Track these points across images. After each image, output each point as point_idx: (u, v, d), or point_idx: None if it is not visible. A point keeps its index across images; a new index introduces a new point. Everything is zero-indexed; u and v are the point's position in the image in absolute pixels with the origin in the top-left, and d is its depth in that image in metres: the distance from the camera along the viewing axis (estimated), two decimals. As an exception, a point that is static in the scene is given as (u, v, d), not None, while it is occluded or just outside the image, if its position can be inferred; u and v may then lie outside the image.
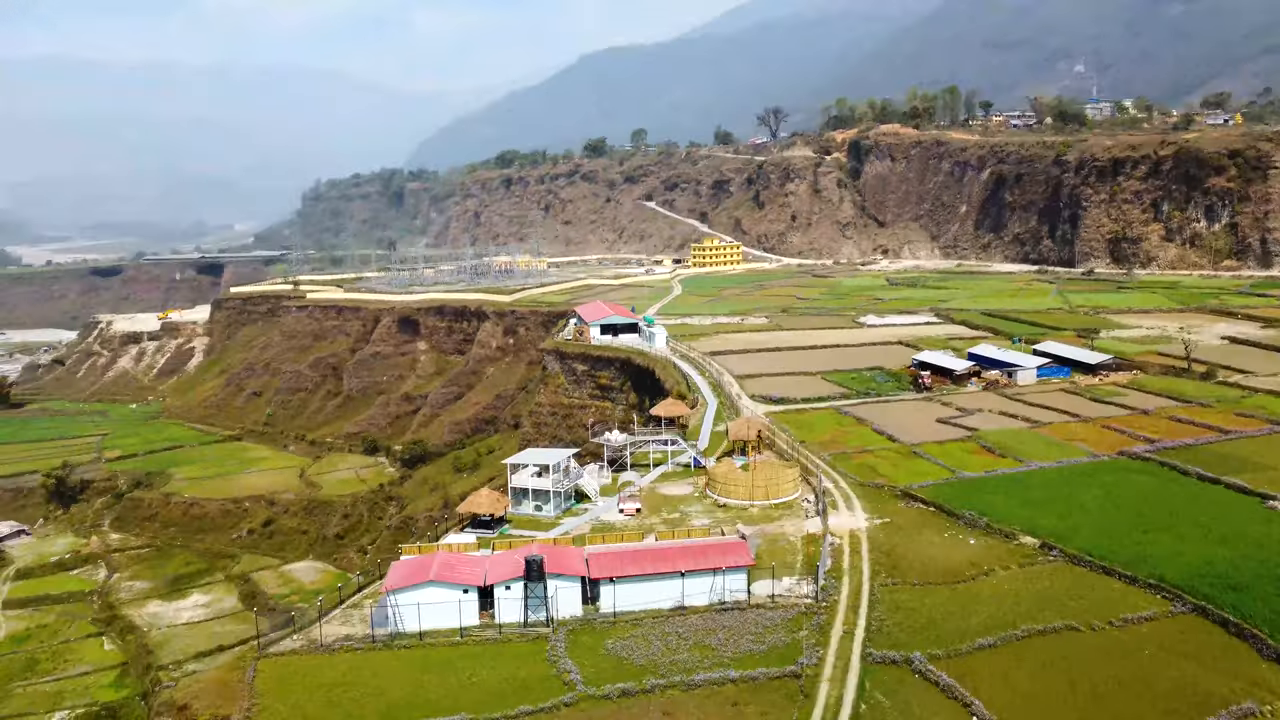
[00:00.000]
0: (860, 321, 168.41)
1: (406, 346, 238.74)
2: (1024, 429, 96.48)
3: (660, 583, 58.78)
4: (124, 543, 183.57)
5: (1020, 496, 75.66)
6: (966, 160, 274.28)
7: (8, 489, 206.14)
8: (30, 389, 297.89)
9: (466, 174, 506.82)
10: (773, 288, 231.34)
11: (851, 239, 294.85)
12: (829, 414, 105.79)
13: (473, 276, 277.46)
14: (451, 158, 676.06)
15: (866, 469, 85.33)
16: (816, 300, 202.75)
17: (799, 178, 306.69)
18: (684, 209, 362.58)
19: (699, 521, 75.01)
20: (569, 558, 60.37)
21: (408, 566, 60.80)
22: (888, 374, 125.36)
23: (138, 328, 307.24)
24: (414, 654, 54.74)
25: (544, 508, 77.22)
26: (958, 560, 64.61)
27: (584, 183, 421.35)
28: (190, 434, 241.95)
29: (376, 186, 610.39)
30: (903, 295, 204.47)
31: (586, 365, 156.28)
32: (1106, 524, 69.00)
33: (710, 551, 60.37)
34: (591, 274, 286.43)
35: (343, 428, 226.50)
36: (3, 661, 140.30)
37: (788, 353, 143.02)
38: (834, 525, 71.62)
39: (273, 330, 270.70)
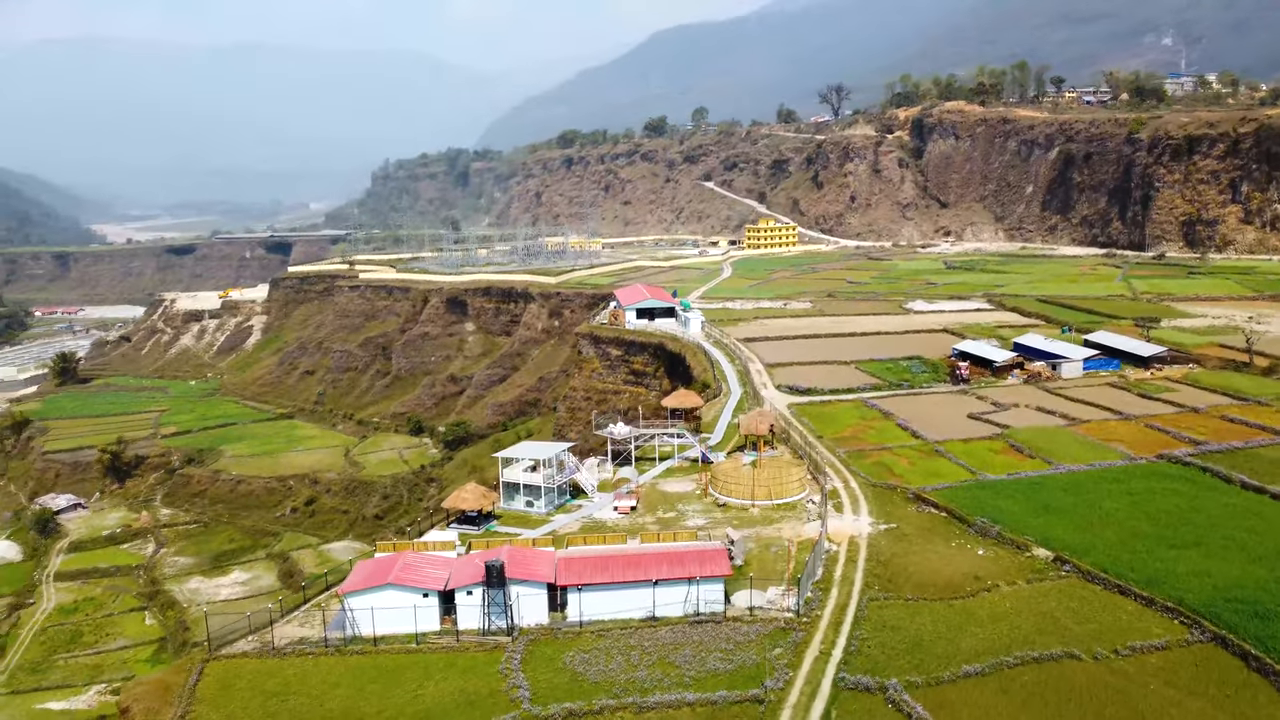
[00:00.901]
0: (907, 308, 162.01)
1: (454, 327, 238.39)
2: (1059, 427, 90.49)
3: (631, 591, 55.44)
4: (173, 518, 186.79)
5: (1040, 502, 70.34)
6: (1034, 139, 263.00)
7: (67, 463, 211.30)
8: (98, 364, 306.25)
9: (528, 154, 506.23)
10: (825, 271, 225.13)
11: (912, 220, 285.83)
12: (854, 406, 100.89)
13: (524, 257, 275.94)
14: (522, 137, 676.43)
15: (881, 468, 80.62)
16: (866, 284, 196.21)
17: (858, 157, 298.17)
18: (742, 189, 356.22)
19: (693, 522, 71.43)
20: (537, 562, 57.36)
21: (371, 566, 58.53)
22: (925, 364, 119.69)
23: (200, 306, 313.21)
24: (365, 661, 52.38)
25: (535, 504, 74.37)
26: (960, 573, 59.93)
27: (643, 162, 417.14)
28: (244, 411, 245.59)
29: (443, 166, 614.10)
30: (958, 280, 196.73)
31: (621, 350, 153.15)
32: (1130, 536, 63.52)
33: (687, 559, 56.77)
34: (644, 255, 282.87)
35: (389, 407, 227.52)
36: (50, 632, 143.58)
37: (825, 340, 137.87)
38: (834, 530, 67.37)
39: (327, 309, 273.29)
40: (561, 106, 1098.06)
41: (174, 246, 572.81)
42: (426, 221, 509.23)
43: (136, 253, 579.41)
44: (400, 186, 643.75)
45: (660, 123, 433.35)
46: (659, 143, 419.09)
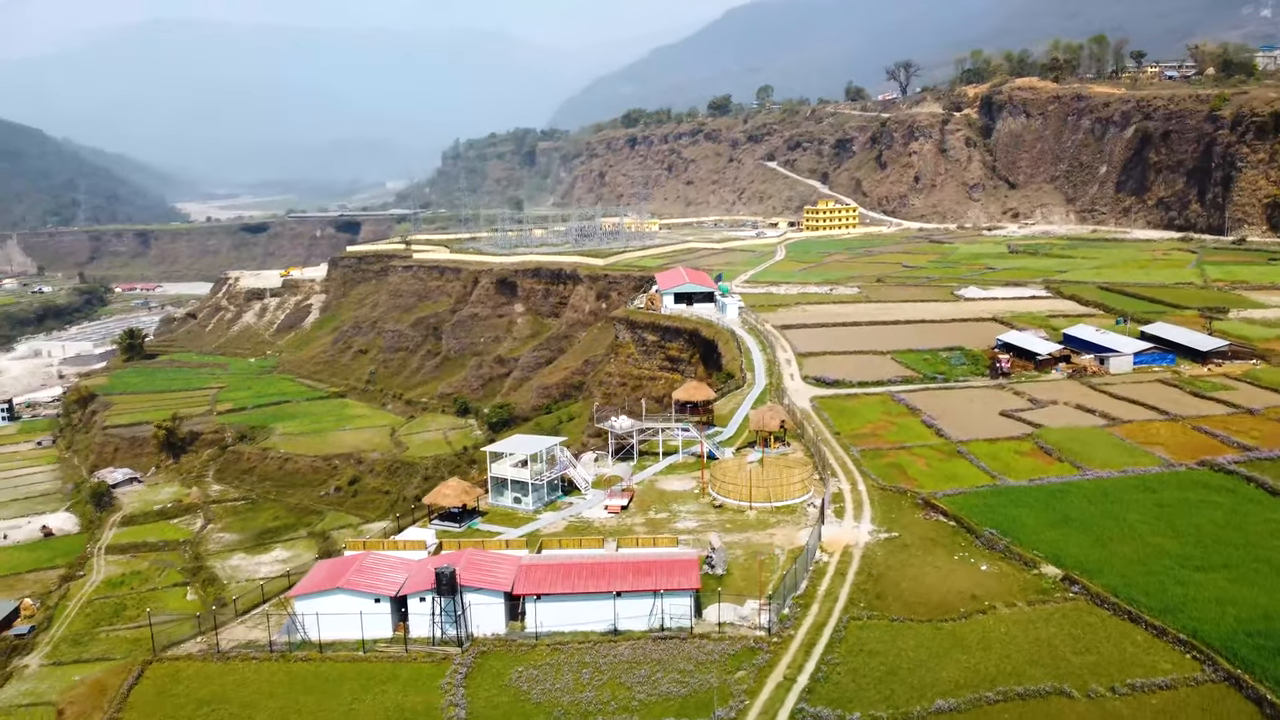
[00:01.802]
0: (957, 294, 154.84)
1: (504, 308, 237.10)
2: (1096, 427, 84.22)
3: (591, 603, 52.07)
4: (223, 494, 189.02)
5: (1059, 512, 64.89)
6: (1109, 116, 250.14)
7: (126, 437, 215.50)
8: (165, 341, 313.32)
9: (593, 133, 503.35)
10: (881, 254, 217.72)
11: (979, 202, 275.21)
12: (880, 401, 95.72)
13: (578, 238, 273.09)
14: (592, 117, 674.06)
15: (895, 469, 75.70)
16: (922, 269, 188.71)
17: (924, 136, 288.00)
18: (805, 169, 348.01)
19: (684, 524, 67.74)
20: (497, 568, 54.33)
21: (328, 568, 56.25)
22: (966, 355, 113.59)
23: (262, 284, 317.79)
24: (308, 669, 50.05)
25: (523, 501, 71.45)
26: (956, 591, 55.21)
27: (707, 142, 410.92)
28: (299, 389, 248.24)
29: (510, 146, 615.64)
30: (1018, 264, 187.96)
31: (656, 335, 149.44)
32: (1151, 555, 57.94)
33: (655, 569, 53.16)
34: (700, 237, 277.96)
35: (438, 388, 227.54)
36: (95, 605, 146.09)
37: (866, 328, 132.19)
38: (830, 538, 63.02)
39: (382, 289, 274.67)
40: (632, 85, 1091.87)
41: (249, 225, 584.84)
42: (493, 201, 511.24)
43: (213, 231, 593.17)
44: (469, 166, 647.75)
45: (725, 101, 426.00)
46: (723, 122, 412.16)
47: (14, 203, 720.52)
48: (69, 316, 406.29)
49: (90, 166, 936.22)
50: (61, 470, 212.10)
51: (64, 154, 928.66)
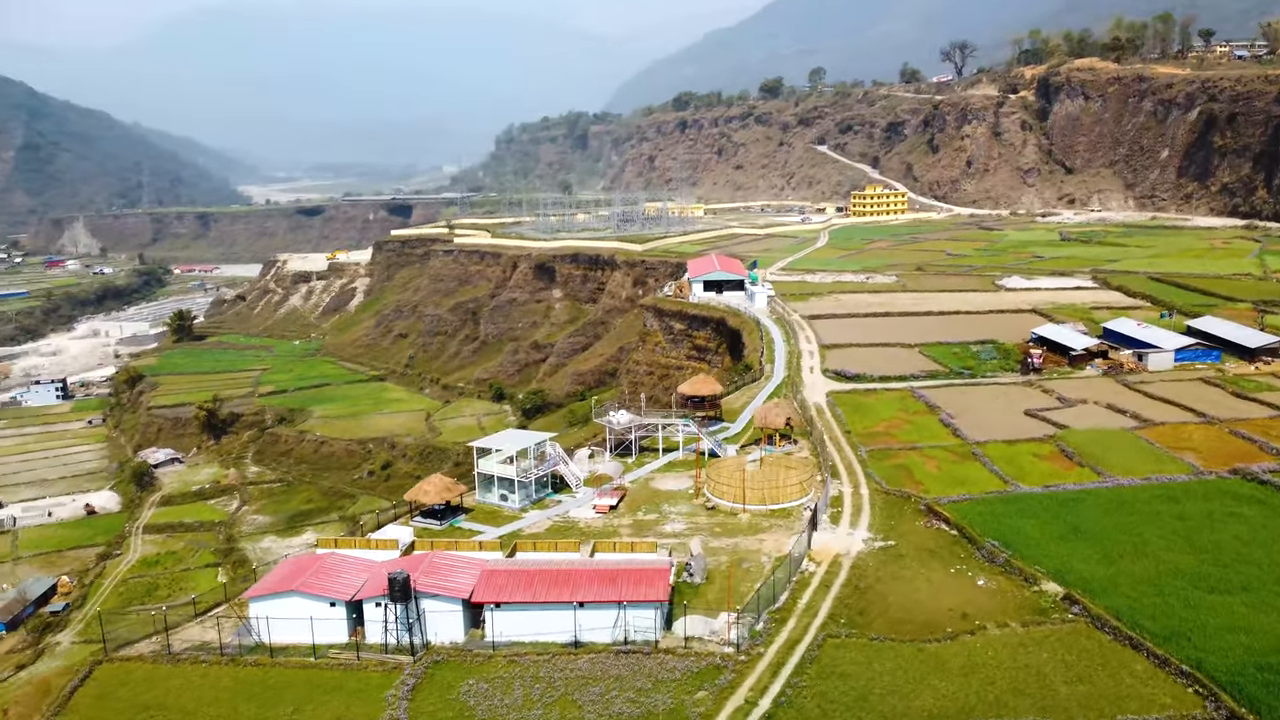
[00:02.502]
0: (999, 284, 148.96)
1: (542, 293, 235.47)
2: (1126, 429, 79.21)
3: (552, 612, 49.52)
4: (260, 476, 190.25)
5: (1069, 523, 60.65)
6: (1172, 98, 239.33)
7: (169, 418, 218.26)
8: (215, 322, 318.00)
9: (643, 116, 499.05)
10: (926, 241, 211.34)
11: (1033, 187, 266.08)
12: (899, 397, 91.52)
13: (620, 223, 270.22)
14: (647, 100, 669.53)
15: (902, 472, 71.83)
16: (966, 257, 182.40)
17: (977, 119, 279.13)
18: (855, 153, 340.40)
19: (672, 526, 64.86)
20: (458, 573, 52.02)
21: (290, 568, 54.47)
22: (998, 349, 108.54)
23: (309, 267, 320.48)
24: (256, 674, 48.37)
25: (509, 498, 69.14)
26: (946, 608, 51.55)
27: (757, 125, 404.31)
28: (340, 372, 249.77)
29: (562, 130, 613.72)
30: (1068, 253, 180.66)
31: (684, 324, 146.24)
32: (1164, 573, 53.58)
33: (621, 579, 50.37)
34: (744, 222, 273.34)
35: (474, 373, 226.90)
36: (129, 584, 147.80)
37: (897, 319, 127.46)
38: (821, 545, 59.65)
39: (424, 273, 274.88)
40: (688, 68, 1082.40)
41: (304, 208, 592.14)
42: (544, 185, 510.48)
43: (270, 213, 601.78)
44: (522, 150, 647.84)
45: (776, 84, 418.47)
46: (774, 105, 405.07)
47: (82, 185, 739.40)
48: (127, 297, 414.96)
49: (156, 150, 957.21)
50: (109, 449, 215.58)
51: (132, 138, 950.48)
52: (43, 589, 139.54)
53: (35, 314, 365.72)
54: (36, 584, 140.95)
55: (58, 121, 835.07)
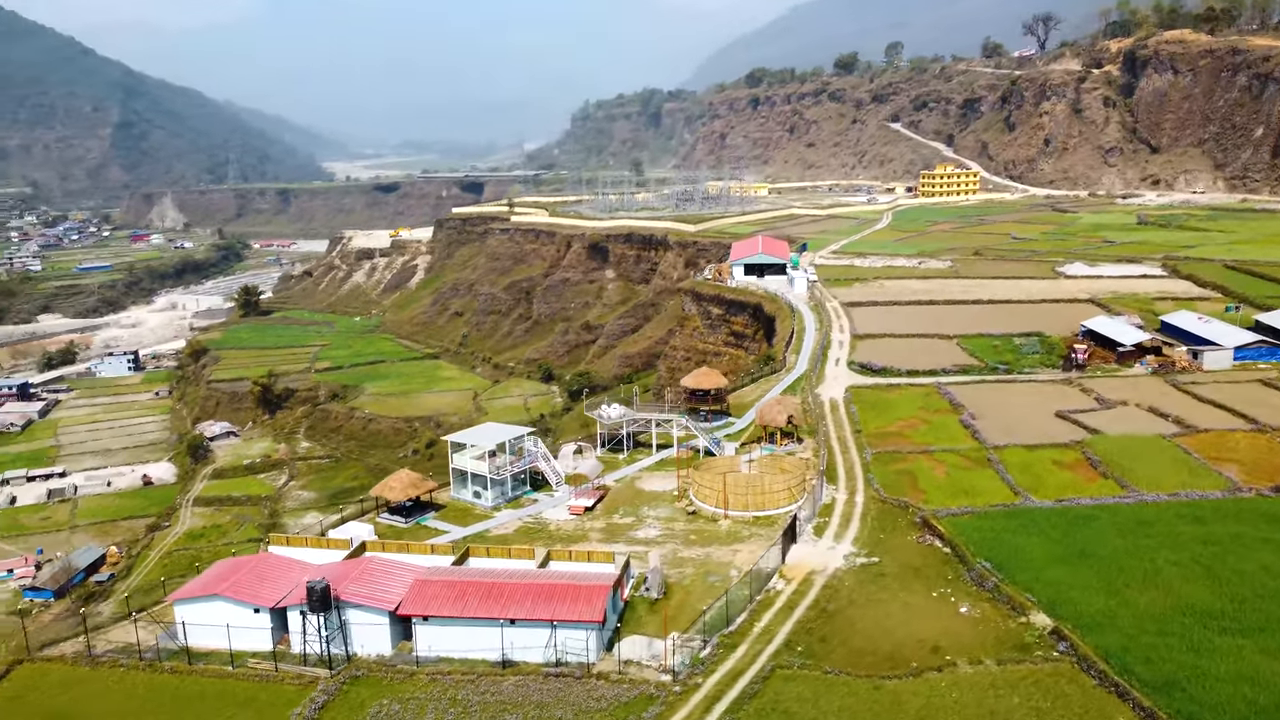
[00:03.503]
0: (1059, 270, 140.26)
1: (595, 273, 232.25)
2: (1164, 435, 72.17)
3: (482, 629, 46.07)
4: (310, 451, 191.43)
5: (1076, 544, 54.76)
6: (1268, 72, 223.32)
7: (227, 392, 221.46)
8: (282, 297, 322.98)
9: (716, 93, 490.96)
10: (993, 224, 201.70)
11: (1115, 167, 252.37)
12: (923, 394, 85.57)
13: (679, 202, 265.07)
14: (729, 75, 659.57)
15: (905, 479, 66.45)
16: (1031, 241, 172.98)
17: (1057, 95, 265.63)
18: (929, 131, 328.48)
19: (645, 532, 60.87)
20: (390, 582, 48.91)
21: (223, 569, 52.09)
22: (1043, 342, 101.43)
23: (372, 244, 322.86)
24: (169, 683, 46.08)
25: (483, 495, 65.94)
26: (917, 639, 46.55)
27: (830, 102, 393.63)
28: (396, 349, 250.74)
29: (637, 107, 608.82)
30: (1142, 238, 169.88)
31: (721, 309, 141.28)
32: (1172, 608, 47.59)
33: (556, 595, 46.62)
34: (808, 202, 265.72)
35: (525, 353, 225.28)
36: (173, 556, 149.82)
37: (941, 307, 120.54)
38: (796, 560, 55.00)
39: (482, 252, 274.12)
40: (771, 44, 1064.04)
41: (381, 185, 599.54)
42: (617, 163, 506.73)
43: (348, 190, 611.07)
44: (597, 127, 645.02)
45: (851, 59, 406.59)
46: (848, 81, 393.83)
47: (174, 161, 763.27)
48: (205, 271, 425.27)
49: (246, 127, 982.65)
50: (172, 421, 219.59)
51: (223, 116, 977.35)
52: (91, 558, 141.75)
53: (117, 287, 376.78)
54: (86, 553, 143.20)
55: (153, 99, 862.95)
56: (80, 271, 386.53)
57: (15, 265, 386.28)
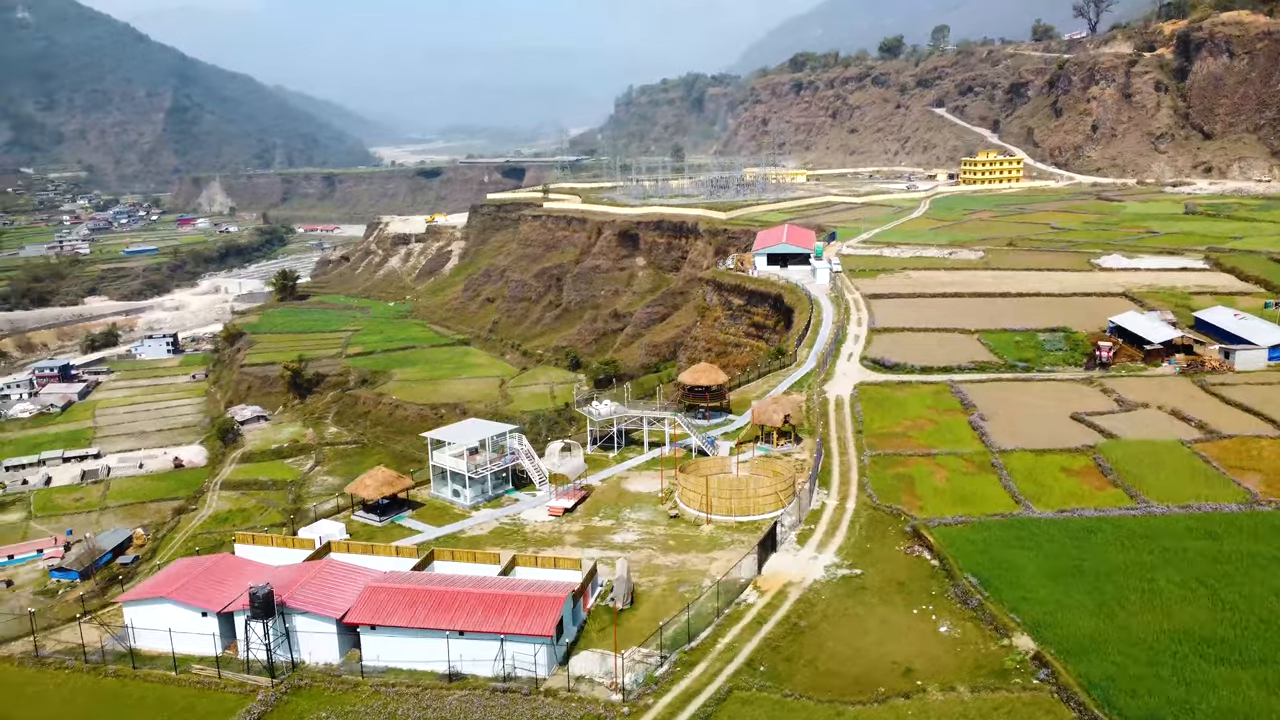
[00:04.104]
0: (1095, 263, 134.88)
1: (625, 261, 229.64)
2: (1182, 442, 68.08)
3: (430, 640, 44.16)
4: (337, 436, 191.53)
5: (1073, 559, 51.41)
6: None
7: (259, 376, 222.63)
8: (320, 282, 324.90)
9: (758, 78, 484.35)
10: (1033, 213, 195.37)
11: (1165, 154, 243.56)
12: (934, 392, 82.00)
13: (714, 189, 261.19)
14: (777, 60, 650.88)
15: (902, 484, 63.31)
16: (1070, 231, 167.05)
17: (1105, 80, 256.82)
18: (974, 116, 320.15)
19: (623, 537, 58.54)
20: (340, 588, 47.17)
21: (179, 569, 50.76)
22: (1068, 339, 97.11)
23: (408, 230, 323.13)
24: (113, 686, 44.85)
25: (461, 494, 64.07)
26: (891, 660, 43.75)
27: (874, 87, 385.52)
28: (428, 335, 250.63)
29: (680, 92, 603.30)
30: (1187, 228, 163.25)
31: (742, 299, 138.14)
32: (1168, 634, 44.22)
33: (508, 607, 44.49)
34: (845, 189, 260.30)
35: (553, 340, 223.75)
36: (198, 539, 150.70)
37: (967, 300, 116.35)
38: (774, 570, 52.34)
39: (514, 238, 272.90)
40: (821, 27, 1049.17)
41: (424, 170, 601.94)
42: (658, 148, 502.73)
43: (392, 175, 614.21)
44: (640, 112, 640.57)
45: (896, 43, 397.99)
46: (892, 65, 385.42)
47: (224, 146, 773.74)
48: (249, 255, 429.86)
49: (295, 112, 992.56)
50: (206, 404, 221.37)
51: (273, 101, 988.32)
52: (118, 540, 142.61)
53: (162, 270, 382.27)
54: (113, 535, 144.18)
55: (205, 85, 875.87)
56: (127, 255, 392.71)
57: (65, 248, 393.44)
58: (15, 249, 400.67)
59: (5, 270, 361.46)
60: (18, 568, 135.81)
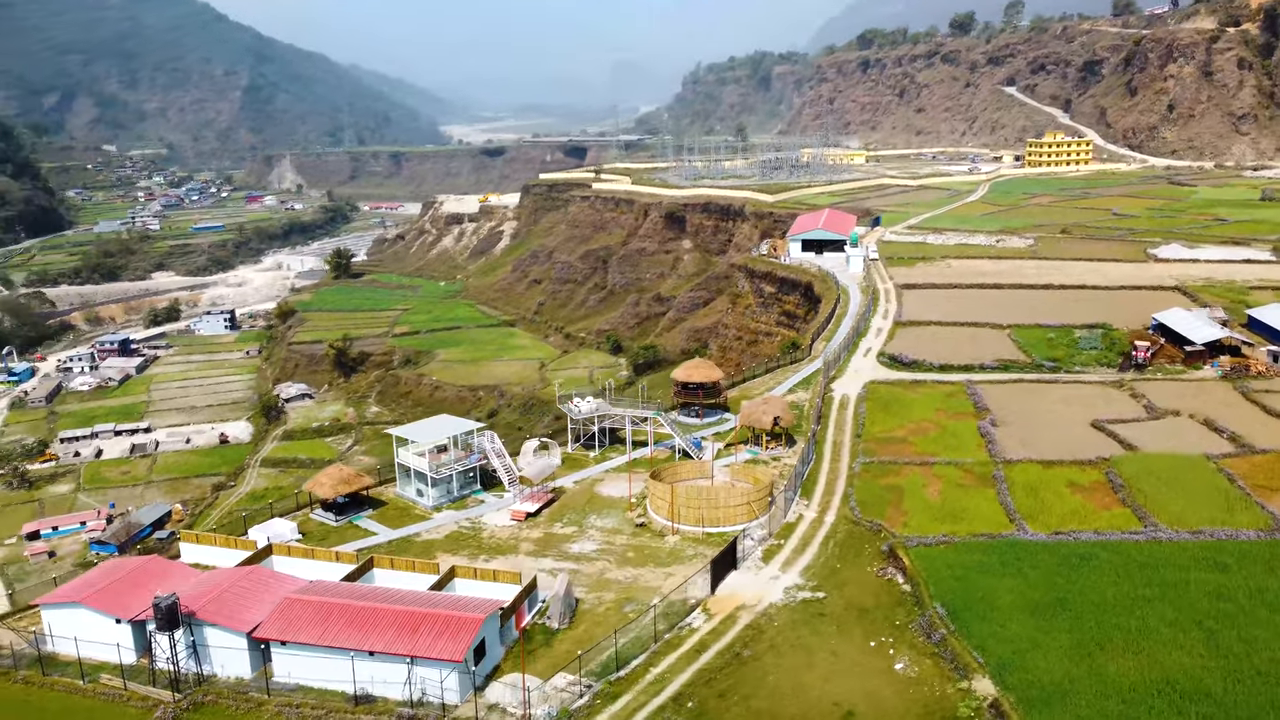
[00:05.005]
0: (1151, 253, 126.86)
1: (671, 244, 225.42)
2: (1210, 456, 62.07)
3: (340, 659, 41.50)
4: (378, 416, 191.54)
5: (1058, 590, 46.50)
6: None
7: (306, 354, 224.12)
8: (374, 260, 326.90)
9: (824, 56, 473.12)
10: (1096, 197, 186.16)
11: (1247, 136, 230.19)
12: (947, 393, 76.82)
13: (767, 170, 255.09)
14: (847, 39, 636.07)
15: (890, 496, 58.72)
16: (1132, 218, 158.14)
17: (1184, 57, 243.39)
18: (1045, 95, 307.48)
19: (581, 546, 55.26)
20: (255, 599, 44.75)
21: (100, 572, 48.96)
22: (1105, 336, 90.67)
23: (462, 209, 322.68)
24: (18, 693, 43.16)
25: (425, 494, 61.43)
26: (833, 701, 39.74)
27: (944, 64, 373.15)
28: (475, 315, 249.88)
29: (746, 70, 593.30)
30: (1261, 216, 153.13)
31: (774, 287, 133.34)
32: (1150, 682, 39.31)
33: (423, 627, 41.55)
34: (904, 171, 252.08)
35: (596, 323, 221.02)
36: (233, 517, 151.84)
37: (1006, 292, 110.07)
38: (729, 591, 48.52)
39: (564, 219, 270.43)
40: (896, 3, 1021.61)
41: (489, 149, 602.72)
42: (724, 128, 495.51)
43: (456, 154, 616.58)
44: (707, 91, 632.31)
45: (967, 19, 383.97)
46: (963, 42, 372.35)
47: (298, 124, 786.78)
48: (312, 232, 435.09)
49: (369, 90, 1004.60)
50: (256, 381, 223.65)
51: (347, 80, 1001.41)
52: (156, 515, 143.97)
53: (228, 246, 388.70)
54: (152, 509, 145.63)
55: (281, 64, 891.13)
56: (195, 231, 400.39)
57: (137, 224, 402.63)
58: (90, 224, 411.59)
59: (79, 245, 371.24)
60: (62, 539, 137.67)
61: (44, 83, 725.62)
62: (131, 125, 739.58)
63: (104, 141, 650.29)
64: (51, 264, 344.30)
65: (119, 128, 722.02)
